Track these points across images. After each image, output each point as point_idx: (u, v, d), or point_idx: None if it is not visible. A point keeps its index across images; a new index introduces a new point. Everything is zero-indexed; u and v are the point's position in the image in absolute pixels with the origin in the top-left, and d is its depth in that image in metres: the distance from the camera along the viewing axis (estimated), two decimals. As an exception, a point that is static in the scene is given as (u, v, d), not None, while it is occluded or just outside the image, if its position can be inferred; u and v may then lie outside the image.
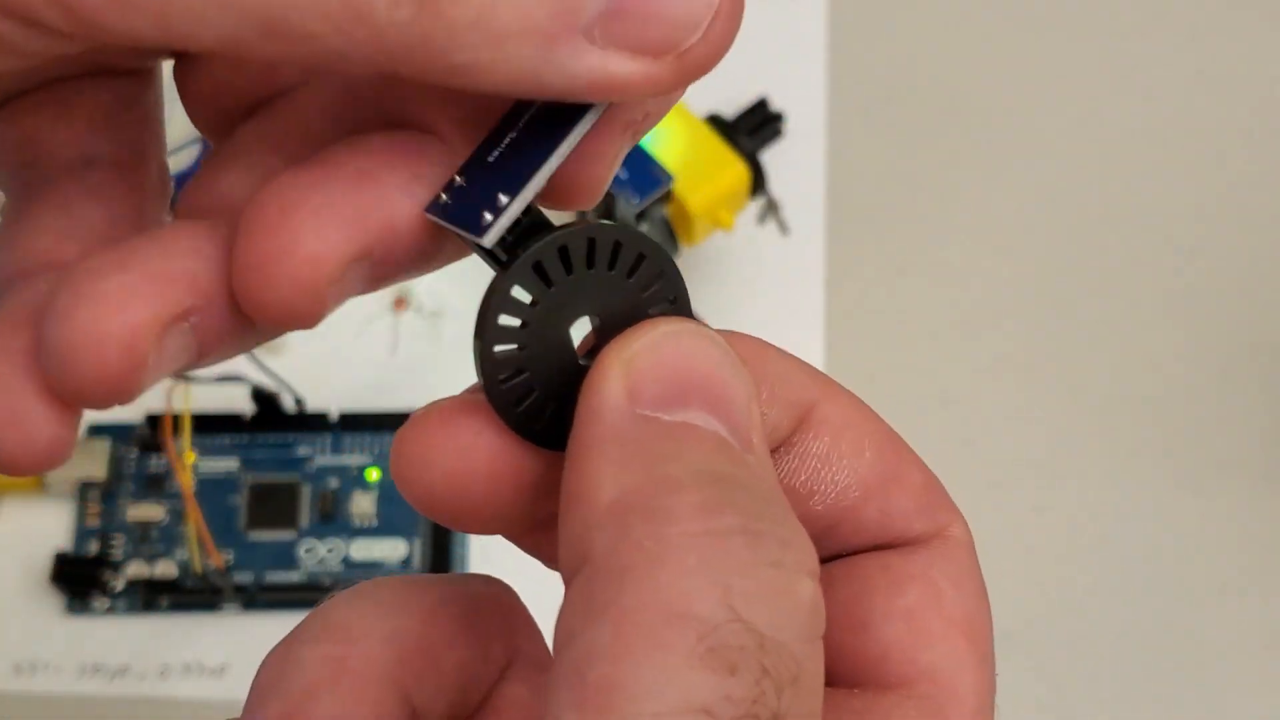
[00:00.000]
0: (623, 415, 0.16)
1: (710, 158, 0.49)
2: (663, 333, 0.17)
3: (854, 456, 0.19)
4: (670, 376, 0.17)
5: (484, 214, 0.18)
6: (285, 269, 0.17)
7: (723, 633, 0.14)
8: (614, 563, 0.15)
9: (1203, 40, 0.60)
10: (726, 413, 0.17)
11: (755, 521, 0.15)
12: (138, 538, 0.50)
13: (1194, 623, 0.50)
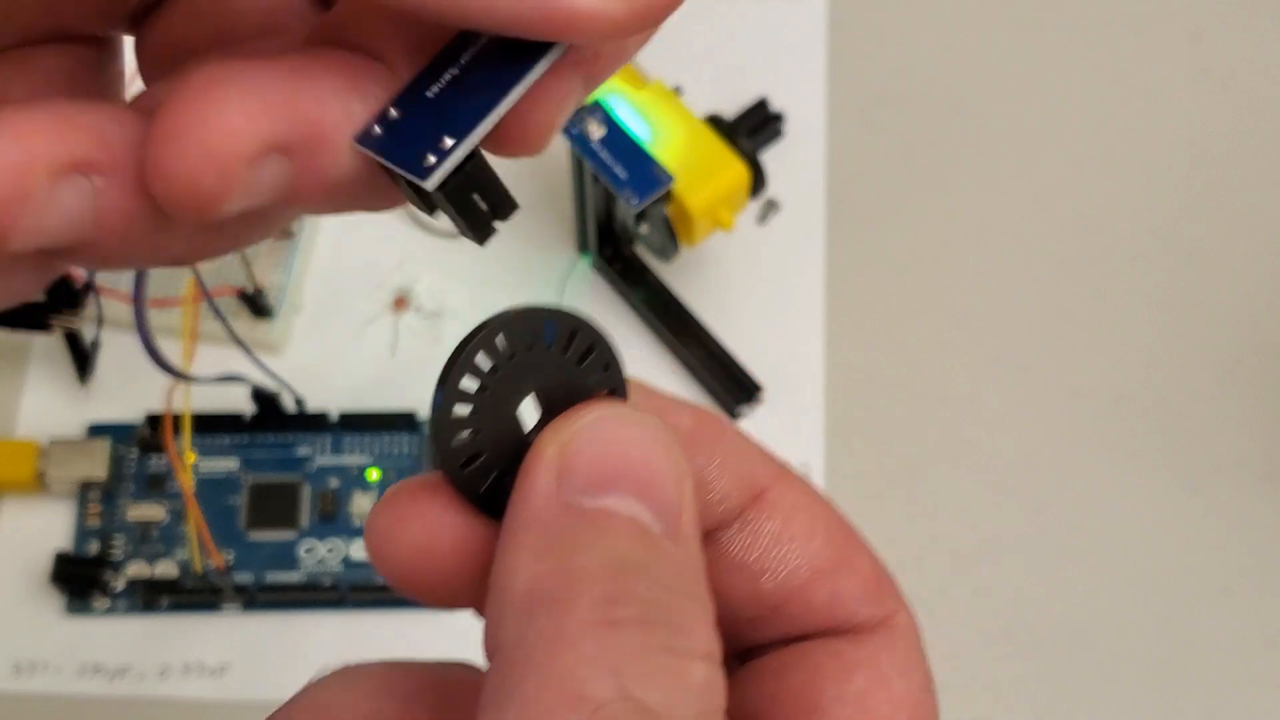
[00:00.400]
0: (548, 500, 0.17)
1: (710, 158, 0.49)
2: (596, 418, 0.18)
3: (805, 539, 0.20)
4: (598, 462, 0.17)
5: (427, 155, 0.17)
6: (198, 134, 0.16)
7: (613, 712, 0.15)
8: (518, 652, 0.16)
9: (1202, 40, 0.60)
10: (652, 497, 0.17)
11: (651, 611, 0.16)
12: (138, 538, 0.50)
13: (1194, 622, 0.50)
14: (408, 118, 0.17)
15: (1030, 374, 0.54)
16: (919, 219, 0.57)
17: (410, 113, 0.17)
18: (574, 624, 0.16)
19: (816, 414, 0.53)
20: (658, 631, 0.16)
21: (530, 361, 0.18)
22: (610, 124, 0.48)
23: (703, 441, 0.20)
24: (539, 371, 0.18)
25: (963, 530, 0.51)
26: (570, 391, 0.19)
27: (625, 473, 0.17)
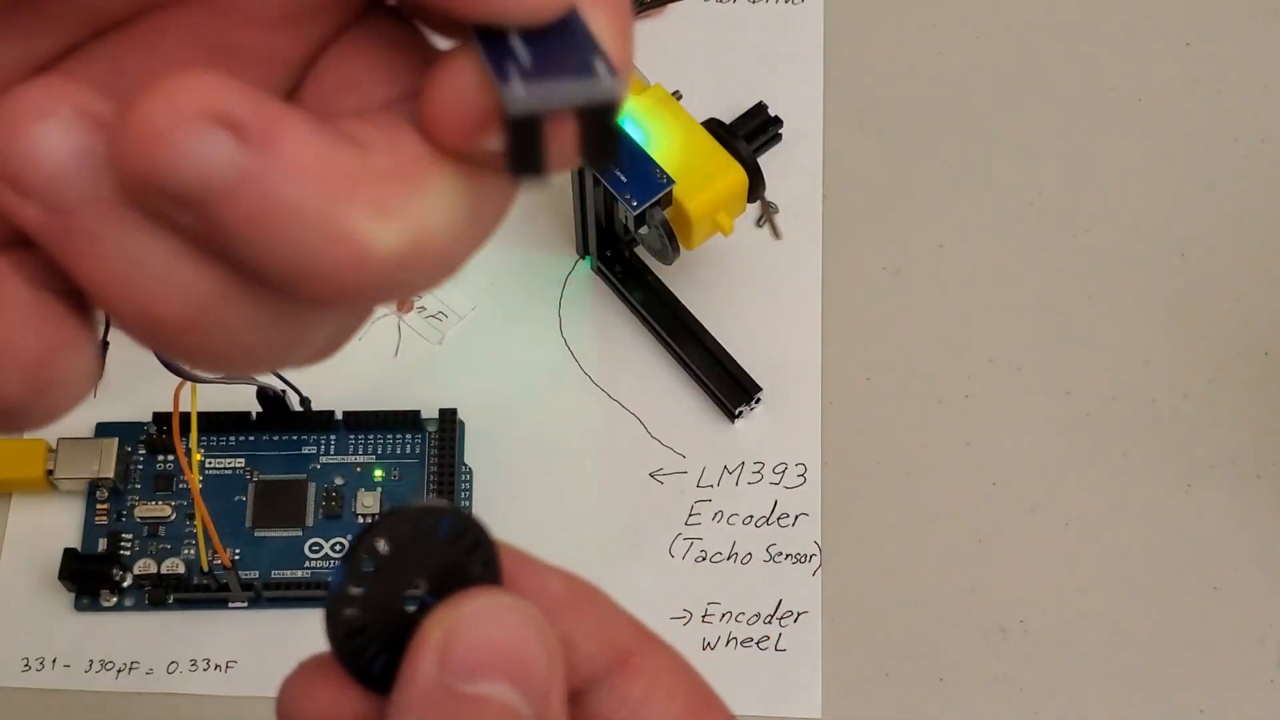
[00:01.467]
0: (430, 683, 0.18)
1: (708, 162, 0.50)
2: (478, 605, 0.19)
3: (666, 703, 0.21)
4: (477, 649, 0.19)
5: (592, 63, 0.17)
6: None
7: None
8: None
9: (1195, 45, 0.61)
10: (524, 681, 0.19)
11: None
12: (146, 535, 0.50)
13: (1185, 620, 0.50)
14: (530, 64, 0.17)
15: (1024, 375, 0.54)
16: (915, 222, 0.57)
17: (522, 61, 0.17)
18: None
19: (814, 414, 0.53)
20: None
21: (421, 551, 0.20)
22: (610, 128, 0.49)
23: (572, 607, 0.21)
24: (429, 560, 0.20)
25: (957, 529, 0.52)
26: (455, 579, 0.20)
27: (501, 659, 0.19)
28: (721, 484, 0.52)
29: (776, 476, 0.52)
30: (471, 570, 0.20)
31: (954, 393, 0.54)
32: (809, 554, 0.51)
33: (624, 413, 0.53)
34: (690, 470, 0.52)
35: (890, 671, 0.50)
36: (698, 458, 0.53)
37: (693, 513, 0.52)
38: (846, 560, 0.51)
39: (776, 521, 0.52)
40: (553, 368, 0.54)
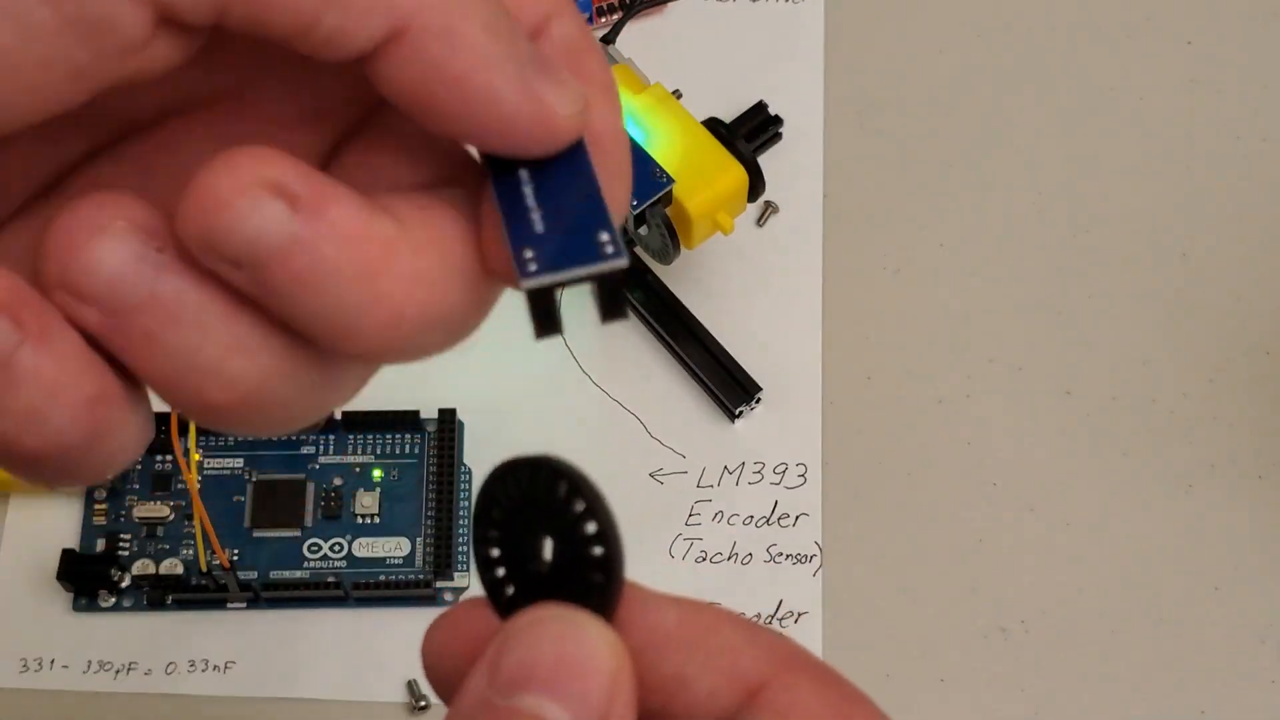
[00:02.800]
0: (474, 698, 0.19)
1: (709, 161, 0.50)
2: (528, 620, 0.19)
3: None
4: (518, 664, 0.19)
5: (600, 238, 0.19)
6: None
7: None
8: None
9: (1196, 44, 0.61)
10: (568, 697, 0.18)
11: None
12: (144, 536, 0.50)
13: (1185, 620, 0.50)
14: (543, 229, 0.19)
15: (1024, 374, 0.54)
16: (915, 221, 0.57)
17: (535, 225, 0.19)
18: None
19: (814, 414, 0.53)
20: None
21: (545, 511, 0.20)
22: (610, 127, 0.49)
23: (685, 639, 0.20)
24: (551, 523, 0.20)
25: (958, 529, 0.52)
26: (571, 557, 0.20)
27: (543, 675, 0.18)
28: (721, 484, 0.52)
29: (777, 476, 0.52)
30: (583, 575, 0.20)
31: (954, 392, 0.54)
32: (809, 554, 0.51)
33: (624, 413, 0.53)
34: (690, 470, 0.52)
35: (891, 672, 0.50)
36: (698, 458, 0.53)
37: (693, 513, 0.52)
38: (847, 560, 0.51)
39: (777, 522, 0.51)
40: (552, 368, 0.54)
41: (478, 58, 0.18)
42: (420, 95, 0.18)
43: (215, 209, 0.17)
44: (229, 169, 0.17)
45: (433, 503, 0.50)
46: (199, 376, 0.18)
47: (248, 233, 0.17)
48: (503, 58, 0.18)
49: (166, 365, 0.18)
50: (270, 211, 0.17)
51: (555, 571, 0.20)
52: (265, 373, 0.18)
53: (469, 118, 0.18)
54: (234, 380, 0.18)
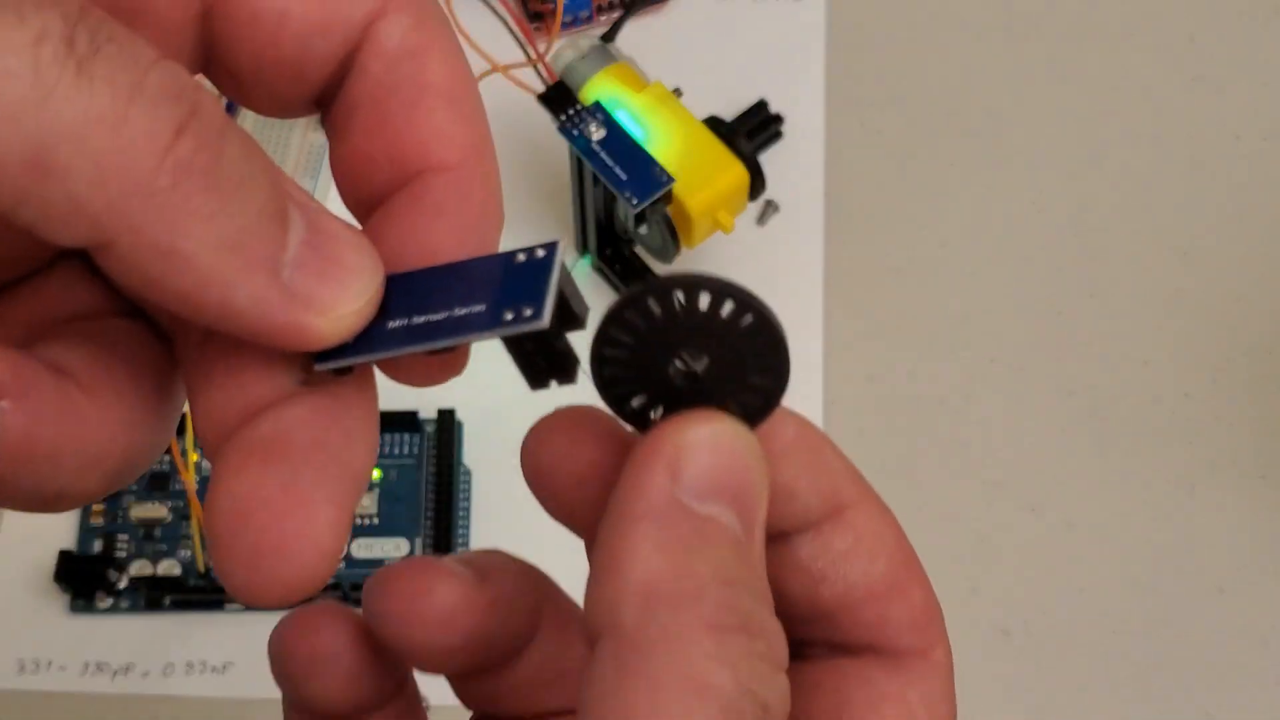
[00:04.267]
0: (663, 498, 0.19)
1: (709, 159, 0.49)
2: (713, 429, 0.20)
3: (869, 562, 0.22)
4: (711, 471, 0.19)
5: (524, 307, 0.19)
6: (310, 567, 0.18)
7: (741, 702, 0.17)
8: (642, 637, 0.18)
9: (1197, 43, 0.61)
10: (745, 510, 0.19)
11: (750, 623, 0.18)
12: (141, 537, 0.50)
13: (1188, 621, 0.50)
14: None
15: (1026, 374, 0.54)
16: (916, 220, 0.57)
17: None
18: (696, 623, 0.18)
19: (815, 414, 0.53)
20: (757, 643, 0.18)
21: (714, 328, 0.20)
22: (610, 125, 0.48)
23: (799, 454, 0.21)
24: (717, 341, 0.20)
25: (959, 529, 0.52)
26: (728, 377, 0.20)
27: (729, 485, 0.19)
28: (722, 484, 0.52)
29: (777, 477, 0.52)
30: (749, 380, 0.20)
31: (956, 392, 0.54)
32: (810, 555, 0.51)
33: (624, 413, 0.53)
34: (690, 470, 0.52)
35: (892, 673, 0.49)
36: (698, 458, 0.52)
37: (693, 513, 0.51)
38: (848, 561, 0.51)
39: (777, 522, 0.51)
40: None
41: (208, 277, 0.17)
42: (148, 296, 0.18)
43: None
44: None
45: (431, 503, 0.50)
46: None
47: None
48: (245, 270, 0.18)
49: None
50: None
51: (712, 381, 0.20)
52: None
53: (206, 323, 0.18)
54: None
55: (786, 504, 0.21)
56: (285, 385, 0.19)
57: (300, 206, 0.19)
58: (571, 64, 0.51)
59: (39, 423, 0.18)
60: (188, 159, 0.17)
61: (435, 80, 0.20)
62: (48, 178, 0.16)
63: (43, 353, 0.19)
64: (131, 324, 0.21)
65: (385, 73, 0.20)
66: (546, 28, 0.56)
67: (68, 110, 0.16)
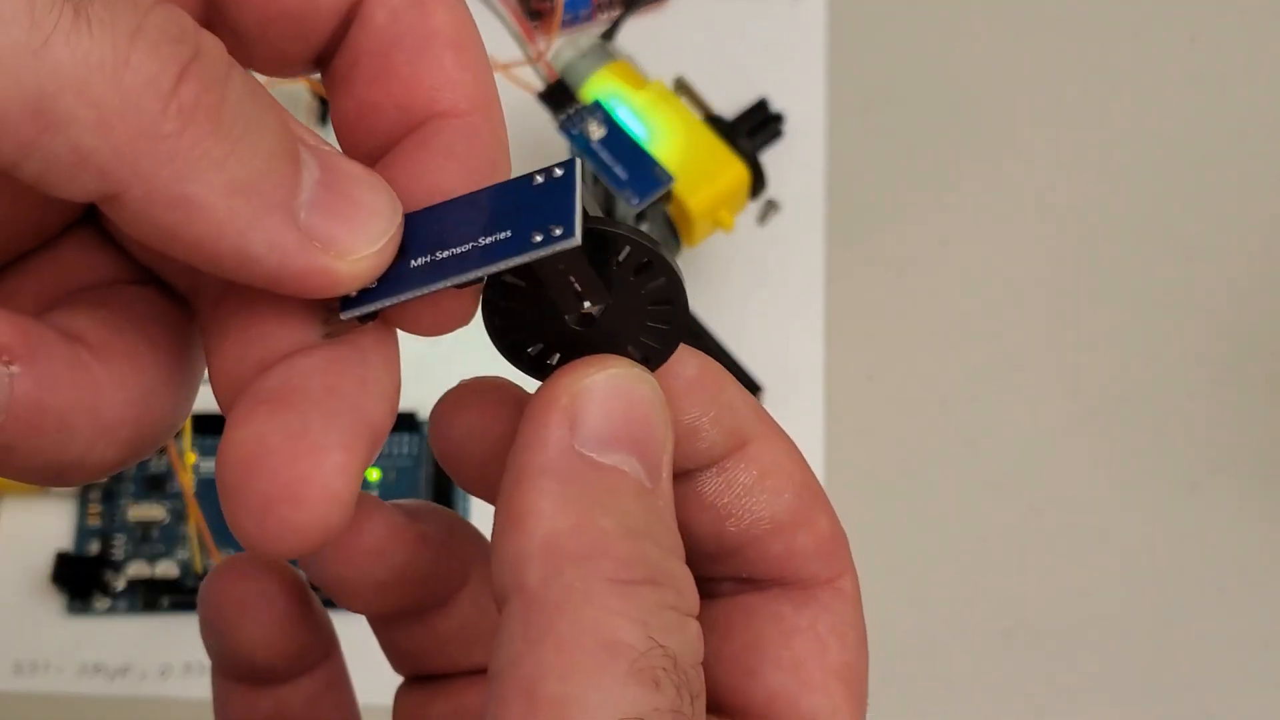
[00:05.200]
0: (562, 450, 0.19)
1: (710, 158, 0.49)
2: (610, 375, 0.19)
3: (774, 494, 0.22)
4: (609, 419, 0.19)
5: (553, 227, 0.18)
6: (323, 506, 0.18)
7: (650, 656, 0.17)
8: (548, 596, 0.17)
9: (1200, 41, 0.60)
10: (646, 454, 0.19)
11: (658, 574, 0.18)
12: (139, 538, 0.50)
13: (1190, 622, 0.50)
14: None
15: (1028, 374, 0.54)
16: (918, 219, 0.57)
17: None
18: (599, 580, 0.18)
19: (816, 414, 0.53)
20: (665, 593, 0.18)
21: (612, 275, 0.19)
22: (610, 124, 0.48)
23: (701, 392, 0.21)
24: (616, 289, 0.19)
25: (960, 530, 0.52)
26: (626, 321, 0.20)
27: (630, 432, 0.19)
28: (722, 485, 0.52)
29: (778, 477, 0.52)
30: (648, 324, 0.20)
31: (957, 392, 0.54)
32: (811, 556, 0.51)
33: (624, 413, 0.53)
34: (691, 471, 0.52)
35: (893, 675, 0.49)
36: (698, 458, 0.52)
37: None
38: (849, 562, 0.51)
39: (778, 523, 0.51)
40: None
41: (221, 223, 0.17)
42: (163, 250, 0.17)
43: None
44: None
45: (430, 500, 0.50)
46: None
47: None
48: (259, 213, 0.17)
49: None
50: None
51: (609, 325, 0.20)
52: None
53: (224, 273, 0.18)
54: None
55: (691, 443, 0.21)
56: (304, 338, 0.19)
57: (311, 148, 0.18)
58: (571, 62, 0.51)
59: (49, 388, 0.18)
60: (192, 102, 0.16)
61: (440, 28, 0.20)
62: (50, 128, 0.16)
63: (55, 319, 0.19)
64: (148, 290, 0.21)
65: (390, 22, 0.20)
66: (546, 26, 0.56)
67: (66, 57, 0.15)
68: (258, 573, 0.23)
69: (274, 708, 0.25)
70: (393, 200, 0.19)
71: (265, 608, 0.23)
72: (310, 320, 0.19)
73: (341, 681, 0.25)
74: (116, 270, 0.21)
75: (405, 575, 0.22)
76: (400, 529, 0.22)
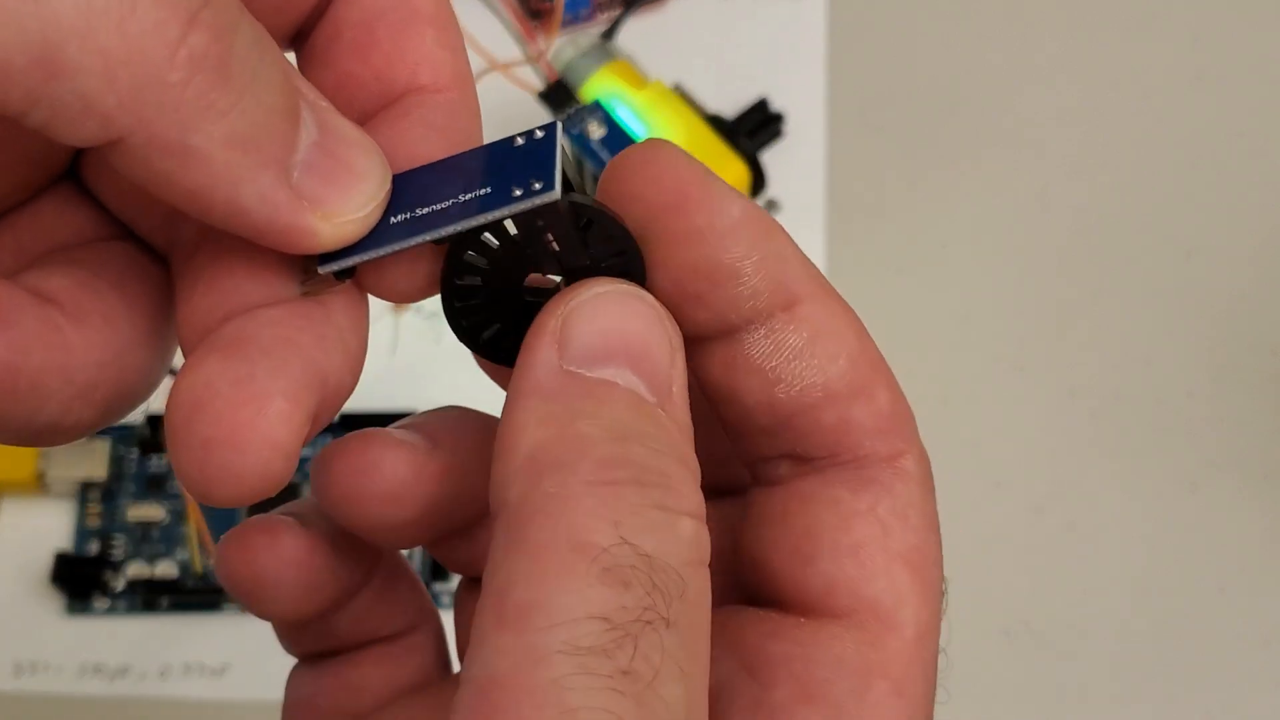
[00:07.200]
0: (550, 371, 0.18)
1: (710, 158, 0.49)
2: (594, 294, 0.19)
3: (827, 360, 0.20)
4: (596, 335, 0.19)
5: (533, 182, 0.18)
6: (264, 454, 0.18)
7: (616, 555, 0.17)
8: (526, 507, 0.17)
9: (1201, 40, 0.60)
10: (645, 368, 0.19)
11: (645, 474, 0.18)
12: (138, 538, 0.50)
13: (1190, 621, 0.50)
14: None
15: (1029, 374, 0.54)
16: (918, 219, 0.57)
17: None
18: (577, 483, 0.17)
19: (816, 414, 0.53)
20: (651, 492, 0.17)
21: (546, 240, 0.19)
22: (610, 124, 0.48)
23: (745, 234, 0.20)
24: (560, 253, 0.19)
25: (961, 530, 0.51)
26: (583, 269, 0.20)
27: (622, 346, 0.19)
28: (723, 485, 0.52)
29: (778, 477, 0.52)
30: (603, 264, 0.20)
31: (958, 393, 0.53)
32: (811, 556, 0.51)
33: (624, 413, 0.53)
34: (691, 471, 0.52)
35: (894, 675, 0.49)
36: (699, 458, 0.52)
37: (693, 514, 0.51)
38: (849, 562, 0.51)
39: (778, 523, 0.51)
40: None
41: (217, 174, 0.17)
42: (154, 193, 0.18)
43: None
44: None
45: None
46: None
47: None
48: (255, 168, 0.17)
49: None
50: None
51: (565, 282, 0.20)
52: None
53: (211, 221, 0.18)
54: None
55: (732, 285, 0.20)
56: (276, 293, 0.19)
57: (311, 105, 0.19)
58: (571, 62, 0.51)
59: (21, 352, 0.18)
60: (201, 52, 0.16)
61: (421, 6, 0.21)
62: (56, 76, 0.16)
63: (28, 280, 0.19)
64: (125, 246, 0.21)
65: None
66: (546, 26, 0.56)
67: (69, 6, 0.15)
68: (264, 546, 0.22)
69: (334, 625, 0.24)
70: (384, 165, 0.19)
71: (281, 582, 0.23)
72: (284, 276, 0.19)
73: (397, 577, 0.25)
74: (94, 227, 0.21)
75: (431, 510, 0.21)
76: (421, 466, 0.21)
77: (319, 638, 0.25)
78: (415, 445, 0.21)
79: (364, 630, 0.24)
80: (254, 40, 0.17)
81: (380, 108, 0.20)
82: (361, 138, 0.19)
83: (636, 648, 0.16)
